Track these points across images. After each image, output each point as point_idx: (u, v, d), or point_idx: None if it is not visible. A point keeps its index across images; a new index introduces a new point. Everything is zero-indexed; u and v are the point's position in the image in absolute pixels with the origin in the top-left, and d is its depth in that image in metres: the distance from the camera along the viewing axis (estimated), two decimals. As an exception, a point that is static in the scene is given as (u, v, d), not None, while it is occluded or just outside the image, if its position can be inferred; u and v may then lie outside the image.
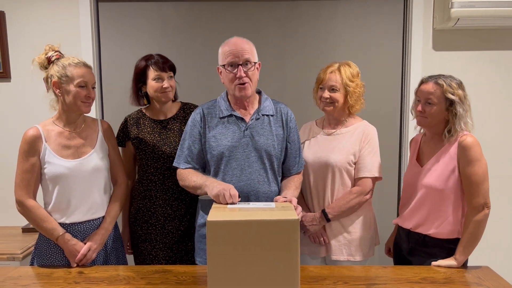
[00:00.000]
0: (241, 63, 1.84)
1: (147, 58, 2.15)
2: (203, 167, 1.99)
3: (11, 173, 1.93)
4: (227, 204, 1.67)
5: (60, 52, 1.91)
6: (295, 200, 1.77)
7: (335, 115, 2.11)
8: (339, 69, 2.04)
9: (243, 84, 1.85)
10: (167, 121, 2.20)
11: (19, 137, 1.87)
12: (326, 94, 2.05)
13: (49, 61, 1.88)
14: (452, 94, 1.81)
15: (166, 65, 2.12)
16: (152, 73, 2.12)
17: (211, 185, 1.76)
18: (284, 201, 1.75)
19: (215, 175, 1.93)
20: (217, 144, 1.91)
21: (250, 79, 1.87)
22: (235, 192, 1.69)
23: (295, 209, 1.64)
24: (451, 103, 1.82)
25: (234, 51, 1.84)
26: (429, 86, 1.85)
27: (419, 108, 1.88)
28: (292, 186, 1.96)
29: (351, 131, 2.10)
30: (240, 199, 1.72)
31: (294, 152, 2.02)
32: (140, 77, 2.17)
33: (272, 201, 1.90)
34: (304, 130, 2.23)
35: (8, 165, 2.75)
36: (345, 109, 2.10)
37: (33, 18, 2.75)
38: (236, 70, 1.84)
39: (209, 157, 1.94)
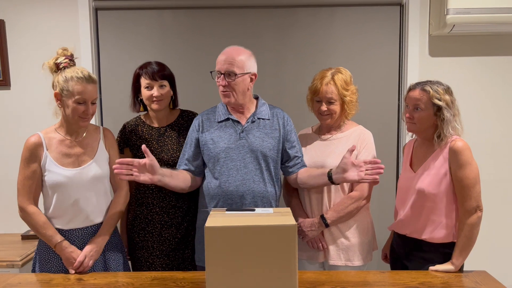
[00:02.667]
0: (223, 72, 1.92)
1: (142, 66, 2.17)
2: (201, 169, 2.08)
3: (11, 180, 1.94)
4: None
5: (71, 59, 1.90)
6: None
7: (332, 123, 2.14)
8: (333, 79, 2.04)
9: (225, 92, 1.95)
10: (165, 128, 2.22)
11: (19, 145, 1.89)
12: (324, 107, 2.06)
13: (58, 67, 1.88)
14: (439, 100, 1.84)
15: (157, 74, 2.11)
16: (143, 81, 2.13)
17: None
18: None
19: (212, 175, 2.01)
20: (214, 146, 2.00)
21: (233, 89, 1.94)
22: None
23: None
24: (439, 108, 1.85)
25: (221, 60, 1.94)
26: (416, 93, 1.89)
27: (407, 115, 1.92)
28: (317, 169, 2.04)
29: (347, 135, 2.12)
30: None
31: (296, 153, 2.09)
32: (136, 84, 2.19)
33: (267, 201, 1.99)
34: (300, 136, 2.24)
35: (8, 172, 2.76)
36: (342, 117, 2.13)
37: (33, 27, 2.77)
38: (219, 78, 1.95)
39: (207, 159, 2.03)
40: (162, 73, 2.13)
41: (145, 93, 2.13)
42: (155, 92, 2.11)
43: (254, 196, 1.97)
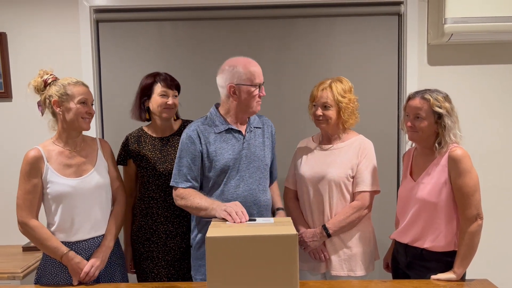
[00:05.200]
0: (262, 83, 1.99)
1: (156, 74, 2.21)
2: (201, 184, 2.01)
3: (11, 192, 1.94)
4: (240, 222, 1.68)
5: (54, 75, 1.95)
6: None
7: (329, 131, 2.14)
8: (330, 86, 2.07)
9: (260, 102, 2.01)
10: (168, 139, 2.23)
11: (21, 157, 1.89)
12: (319, 111, 2.07)
13: (45, 84, 1.92)
14: (440, 108, 1.85)
15: (173, 83, 2.19)
16: (158, 88, 2.16)
17: (218, 207, 1.78)
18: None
19: (216, 188, 1.97)
20: (219, 158, 1.95)
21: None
22: (244, 210, 1.73)
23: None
24: (439, 116, 1.86)
25: (259, 73, 1.98)
26: (417, 102, 1.89)
27: (409, 124, 1.92)
28: (279, 196, 2.24)
29: (348, 145, 2.13)
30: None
31: (274, 163, 2.18)
32: (145, 91, 2.19)
33: (269, 209, 2.04)
34: (301, 146, 2.25)
35: (8, 184, 2.76)
36: (339, 125, 2.12)
37: (34, 39, 2.79)
38: (260, 89, 1.98)
39: (210, 171, 1.96)
40: (176, 83, 2.21)
41: (158, 100, 2.16)
42: (170, 100, 2.16)
43: (260, 205, 1.98)
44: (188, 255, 2.18)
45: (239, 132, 2.01)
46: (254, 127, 2.06)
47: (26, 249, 2.64)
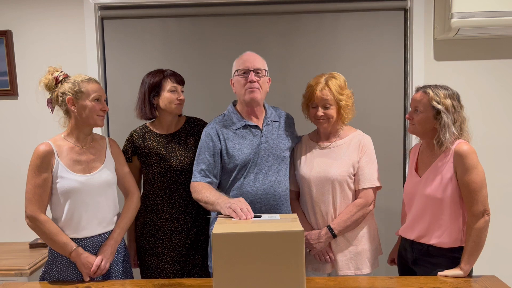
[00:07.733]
0: (252, 69, 1.98)
1: (161, 70, 2.20)
2: (222, 179, 2.06)
3: (18, 189, 1.95)
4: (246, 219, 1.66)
5: (64, 72, 1.95)
6: None
7: (330, 129, 2.11)
8: (327, 85, 2.01)
9: (253, 88, 1.98)
10: (172, 135, 2.23)
11: (27, 154, 1.90)
12: (320, 112, 2.03)
13: (57, 81, 1.92)
14: (438, 103, 1.83)
15: (180, 78, 2.21)
16: (168, 84, 2.16)
17: (223, 203, 1.77)
18: None
19: (236, 182, 2.01)
20: (238, 153, 2.00)
21: (260, 86, 2.00)
22: (248, 207, 1.71)
23: None
24: (438, 112, 1.84)
25: (247, 60, 2.00)
26: (418, 95, 1.91)
27: (407, 115, 1.94)
28: None
29: (347, 142, 2.10)
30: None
31: None
32: (154, 88, 2.18)
33: (287, 201, 2.07)
34: (298, 145, 2.21)
35: (15, 181, 2.78)
36: (339, 122, 2.10)
37: (40, 36, 2.80)
38: (248, 75, 1.98)
39: (231, 167, 2.01)
40: (182, 78, 2.23)
41: (169, 96, 2.16)
42: (181, 95, 2.19)
43: (280, 196, 2.02)
44: (193, 251, 2.20)
45: (256, 126, 2.05)
46: (272, 121, 2.10)
47: (33, 246, 2.65)
